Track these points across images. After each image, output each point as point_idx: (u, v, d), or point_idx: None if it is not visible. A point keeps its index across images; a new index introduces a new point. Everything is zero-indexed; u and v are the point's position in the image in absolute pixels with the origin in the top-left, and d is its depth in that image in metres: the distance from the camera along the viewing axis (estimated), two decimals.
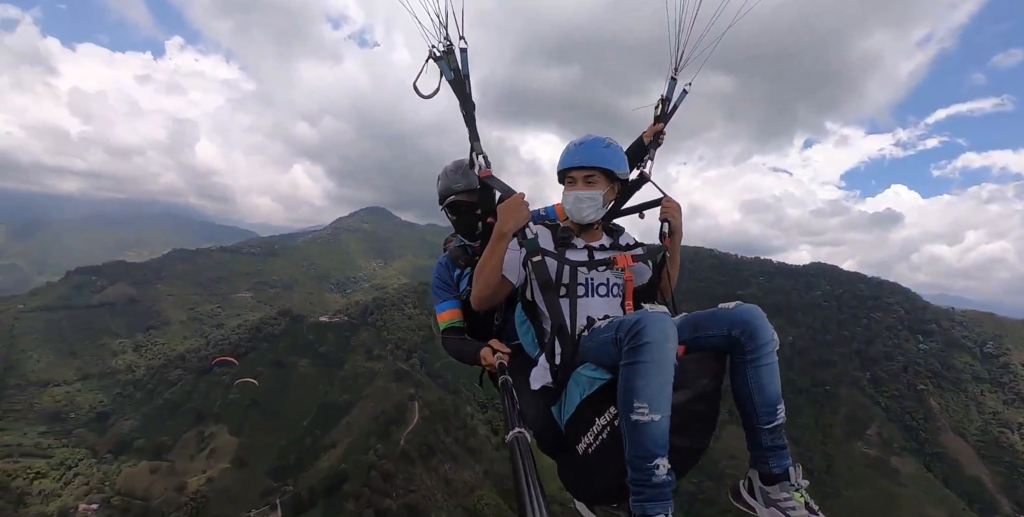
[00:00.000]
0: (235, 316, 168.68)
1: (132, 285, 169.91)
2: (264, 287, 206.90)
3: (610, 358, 2.08)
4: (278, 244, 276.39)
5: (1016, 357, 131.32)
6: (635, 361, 1.92)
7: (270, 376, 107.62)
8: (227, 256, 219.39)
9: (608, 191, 2.63)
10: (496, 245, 2.51)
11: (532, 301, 2.58)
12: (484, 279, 2.56)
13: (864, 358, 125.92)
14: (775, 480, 2.16)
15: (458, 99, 2.73)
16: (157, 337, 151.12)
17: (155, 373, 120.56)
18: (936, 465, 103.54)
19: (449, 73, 2.70)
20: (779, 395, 2.16)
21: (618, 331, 2.03)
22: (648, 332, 1.92)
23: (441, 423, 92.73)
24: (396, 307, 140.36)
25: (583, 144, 2.61)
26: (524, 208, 2.52)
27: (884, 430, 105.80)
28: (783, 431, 2.18)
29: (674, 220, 2.79)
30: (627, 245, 2.79)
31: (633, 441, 1.91)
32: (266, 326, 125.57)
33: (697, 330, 2.22)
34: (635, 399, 1.89)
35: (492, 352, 2.66)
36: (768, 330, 2.13)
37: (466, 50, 2.71)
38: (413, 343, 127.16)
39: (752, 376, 2.15)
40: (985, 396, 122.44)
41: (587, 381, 2.18)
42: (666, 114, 3.32)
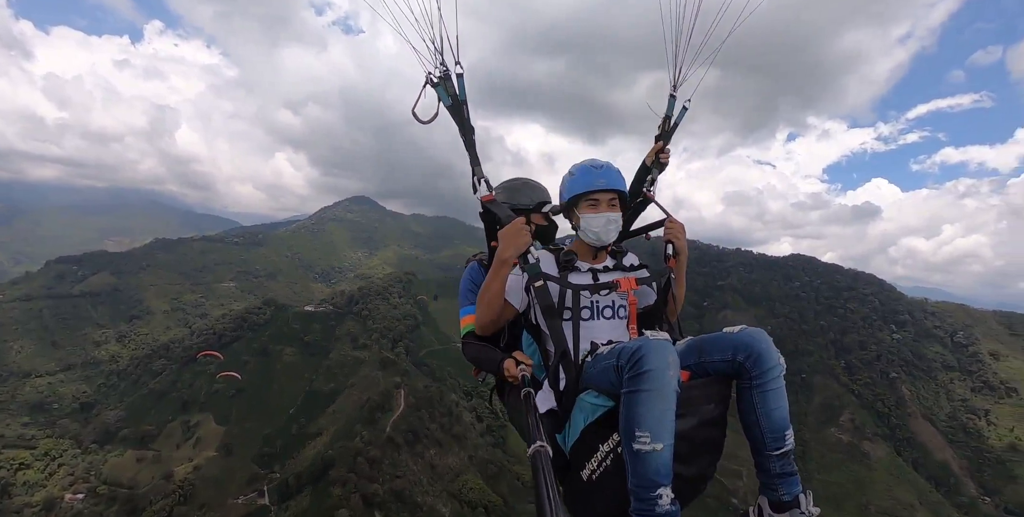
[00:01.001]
0: (219, 306, 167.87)
1: (114, 274, 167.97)
2: (248, 277, 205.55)
3: (611, 385, 2.07)
4: (262, 233, 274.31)
5: (985, 346, 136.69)
6: (636, 389, 1.90)
7: (255, 365, 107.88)
8: (210, 245, 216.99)
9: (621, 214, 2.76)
10: (497, 271, 2.56)
11: (536, 325, 2.64)
12: (487, 305, 2.61)
13: (839, 347, 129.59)
14: (785, 508, 2.11)
15: (457, 125, 2.78)
16: (140, 327, 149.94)
17: (139, 363, 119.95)
18: (906, 450, 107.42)
19: (447, 99, 2.75)
20: (787, 420, 2.13)
21: (619, 359, 2.01)
22: (649, 360, 1.89)
23: (427, 410, 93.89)
24: (382, 296, 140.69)
25: (603, 168, 2.68)
26: (524, 234, 2.56)
27: (857, 416, 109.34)
28: (793, 457, 2.15)
29: (678, 241, 2.82)
30: (631, 266, 2.81)
31: (635, 471, 1.87)
32: (251, 316, 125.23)
33: (701, 355, 2.21)
34: (636, 428, 1.86)
35: (516, 364, 2.66)
36: (774, 354, 2.11)
37: (463, 75, 2.76)
38: (399, 332, 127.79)
39: (759, 401, 2.12)
40: (954, 384, 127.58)
41: (590, 408, 2.19)
42: (667, 132, 3.28)
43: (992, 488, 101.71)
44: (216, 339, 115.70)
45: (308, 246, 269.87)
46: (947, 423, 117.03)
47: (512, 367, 2.63)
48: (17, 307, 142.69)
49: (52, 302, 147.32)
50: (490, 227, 2.97)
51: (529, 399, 2.27)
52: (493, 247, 2.84)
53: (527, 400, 2.27)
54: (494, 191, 3.11)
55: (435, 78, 2.72)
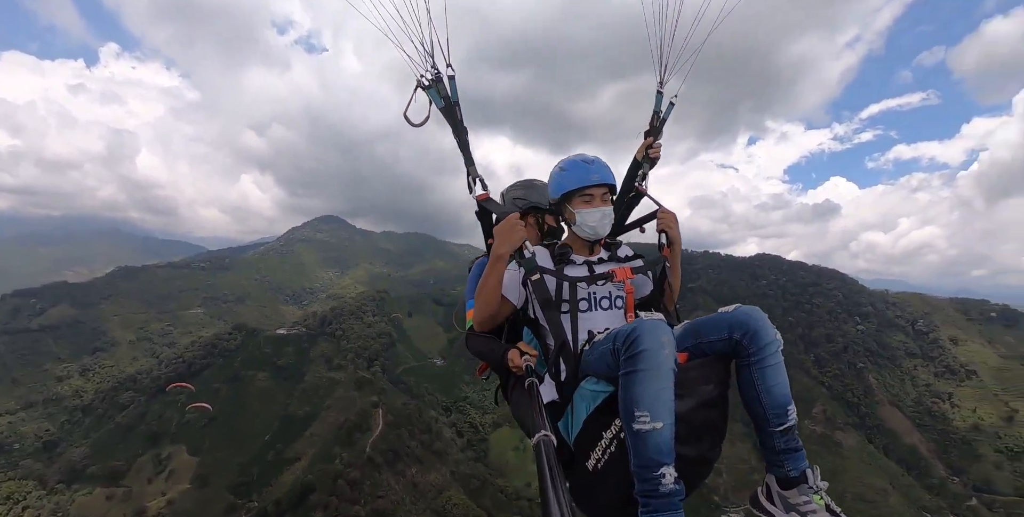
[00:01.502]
0: (187, 334, 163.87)
1: (74, 306, 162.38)
2: (216, 302, 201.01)
3: (609, 369, 2.08)
4: (228, 258, 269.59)
5: (944, 333, 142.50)
6: (632, 370, 1.90)
7: (228, 392, 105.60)
8: (175, 272, 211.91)
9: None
10: (493, 267, 2.58)
11: (535, 319, 2.64)
12: (484, 301, 2.62)
13: (807, 341, 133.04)
14: (793, 484, 2.12)
15: (450, 126, 2.84)
16: (105, 359, 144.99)
17: (104, 397, 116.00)
18: (876, 437, 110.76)
19: (439, 101, 2.80)
20: (788, 396, 2.13)
21: (615, 342, 2.03)
22: (643, 340, 1.90)
23: (406, 428, 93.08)
24: (355, 315, 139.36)
25: (594, 162, 2.70)
26: (519, 229, 2.59)
27: (828, 408, 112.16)
28: (796, 432, 2.15)
29: (671, 230, 2.84)
30: (626, 257, 2.85)
31: (637, 451, 1.88)
32: (221, 342, 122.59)
33: (698, 337, 2.21)
34: (635, 408, 1.86)
35: (520, 354, 2.67)
36: (770, 330, 2.11)
37: (454, 77, 2.80)
38: (374, 351, 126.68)
39: (758, 378, 2.11)
40: (918, 370, 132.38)
41: (591, 395, 2.20)
42: (656, 127, 3.33)
43: (959, 468, 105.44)
44: (185, 368, 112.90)
45: (277, 268, 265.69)
46: (913, 408, 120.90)
47: (516, 357, 2.66)
48: None
49: (9, 338, 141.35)
50: (486, 226, 3.05)
51: (533, 388, 2.29)
52: (490, 245, 2.87)
53: (531, 390, 2.29)
54: (511, 189, 3.36)
55: (426, 81, 2.80)
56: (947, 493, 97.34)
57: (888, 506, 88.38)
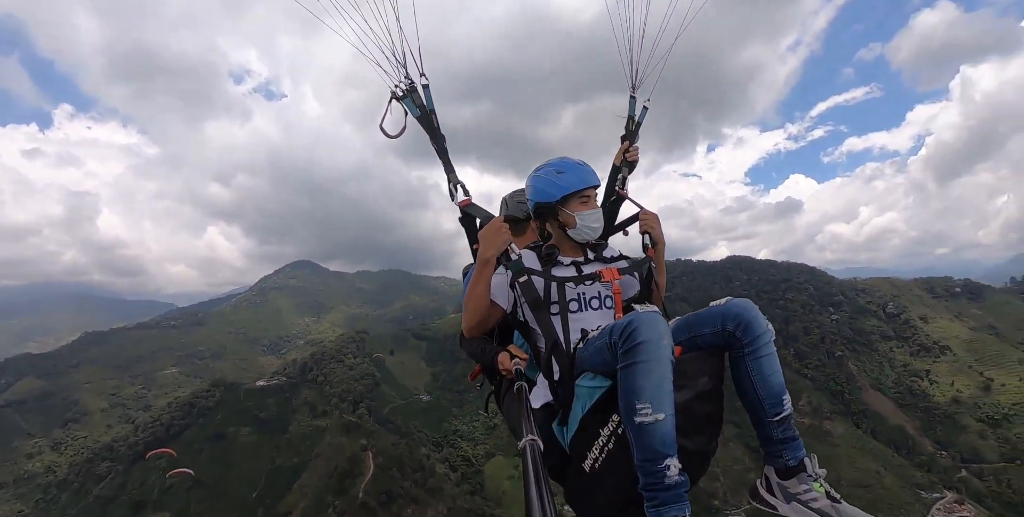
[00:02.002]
0: (163, 395, 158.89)
1: (41, 377, 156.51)
2: (191, 360, 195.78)
3: (606, 364, 2.05)
4: (201, 312, 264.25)
5: (914, 312, 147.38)
6: (632, 362, 1.88)
7: (211, 452, 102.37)
8: (145, 332, 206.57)
9: None
10: (480, 272, 2.55)
11: (525, 322, 2.60)
12: (473, 306, 2.59)
13: (786, 336, 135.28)
14: (792, 473, 2.10)
15: (428, 134, 2.83)
16: (77, 430, 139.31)
17: (80, 469, 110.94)
18: (863, 422, 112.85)
19: (415, 110, 2.80)
20: (783, 386, 2.13)
21: (611, 335, 2.00)
22: (641, 332, 1.88)
23: (397, 468, 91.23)
24: (336, 359, 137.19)
25: (585, 165, 2.71)
26: (504, 232, 2.57)
27: (813, 398, 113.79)
28: (792, 422, 2.14)
29: (654, 230, 2.86)
30: (611, 258, 2.83)
31: (640, 444, 1.84)
32: (199, 400, 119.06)
33: (691, 330, 2.19)
34: (636, 401, 1.84)
35: (510, 357, 2.66)
36: (762, 321, 2.11)
37: (428, 86, 2.81)
38: (358, 393, 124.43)
39: (753, 368, 2.11)
40: (894, 352, 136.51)
41: (587, 392, 2.16)
42: (632, 132, 3.38)
43: (946, 442, 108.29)
44: (164, 431, 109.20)
45: (252, 319, 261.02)
46: (895, 389, 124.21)
47: (506, 360, 2.65)
48: None
49: None
50: (470, 231, 3.03)
51: (521, 392, 2.26)
52: (476, 250, 2.86)
53: (519, 393, 2.25)
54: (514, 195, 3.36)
55: (400, 92, 2.80)
56: (937, 468, 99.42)
57: (884, 488, 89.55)
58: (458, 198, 2.83)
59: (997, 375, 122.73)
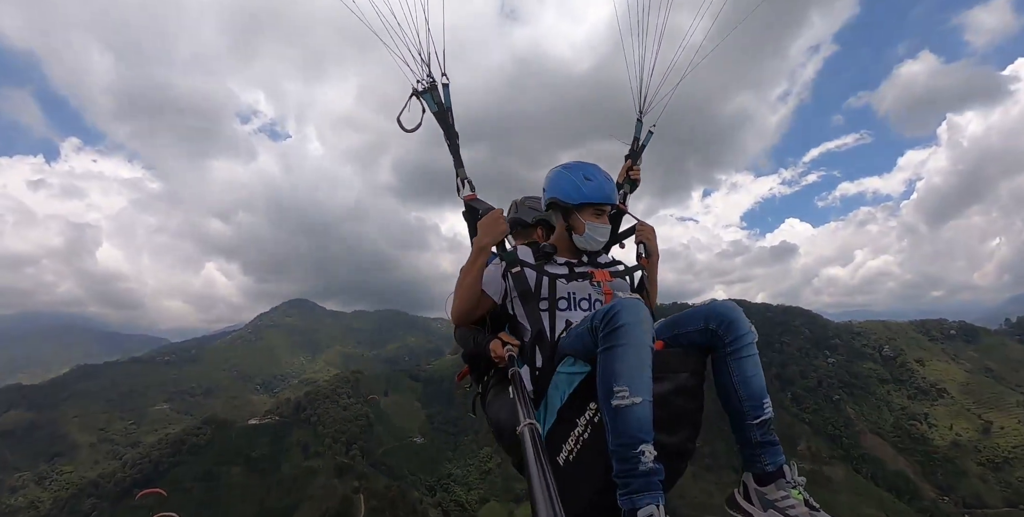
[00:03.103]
0: (153, 432, 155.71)
1: (30, 409, 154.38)
2: (183, 396, 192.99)
3: (587, 348, 2.06)
4: (195, 348, 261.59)
5: (910, 355, 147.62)
6: (611, 345, 1.88)
7: (200, 491, 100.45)
8: (138, 367, 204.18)
9: None
10: (475, 260, 2.58)
11: (514, 315, 2.63)
12: (463, 294, 2.61)
13: (783, 380, 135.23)
14: (770, 479, 2.07)
15: (443, 130, 2.91)
16: (64, 465, 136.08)
17: (64, 506, 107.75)
18: (863, 466, 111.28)
19: (433, 106, 2.88)
20: (764, 389, 2.12)
21: (593, 320, 2.01)
22: (622, 316, 1.89)
23: (390, 512, 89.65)
24: (330, 399, 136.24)
25: (611, 180, 2.74)
26: (502, 223, 2.62)
27: (812, 443, 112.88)
28: (772, 427, 2.13)
29: (650, 242, 2.88)
30: (605, 262, 2.84)
31: (616, 429, 1.83)
32: (190, 437, 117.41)
33: (675, 328, 2.22)
34: (614, 383, 1.83)
35: (502, 345, 2.64)
36: (745, 322, 2.12)
37: (448, 85, 2.88)
38: (352, 434, 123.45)
39: (735, 369, 2.11)
40: (891, 395, 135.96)
41: (566, 379, 2.16)
42: (636, 152, 3.47)
43: (947, 486, 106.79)
44: (152, 468, 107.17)
45: (246, 356, 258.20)
46: (893, 433, 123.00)
47: (499, 348, 2.63)
48: None
49: None
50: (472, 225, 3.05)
51: (517, 377, 2.25)
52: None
53: (515, 379, 2.25)
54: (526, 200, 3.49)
55: (421, 88, 2.88)
56: (940, 514, 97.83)
57: None
58: (464, 192, 2.92)
59: (996, 417, 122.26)
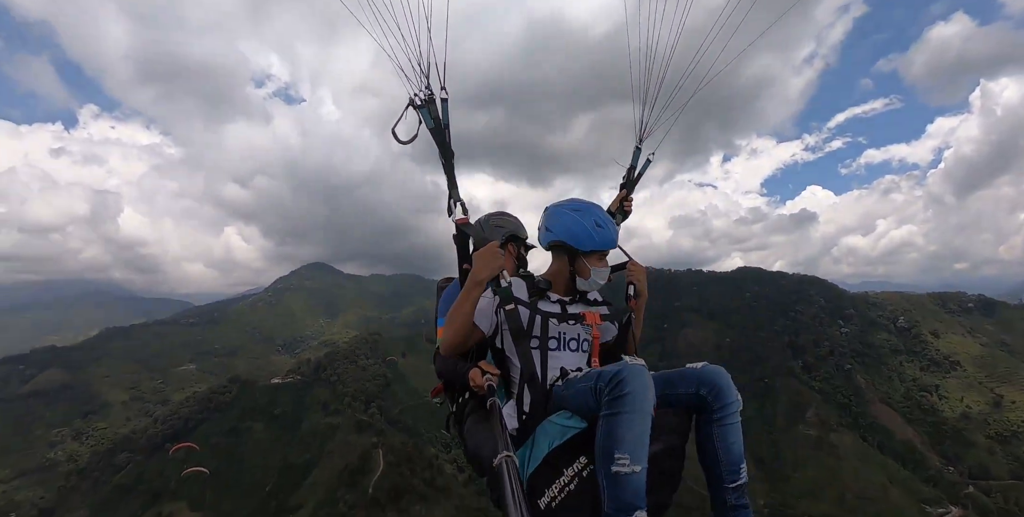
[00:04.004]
0: (180, 390, 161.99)
1: (64, 370, 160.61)
2: (207, 357, 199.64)
3: (587, 407, 2.09)
4: (217, 311, 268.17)
5: (925, 327, 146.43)
6: (616, 412, 1.89)
7: (226, 445, 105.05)
8: (164, 329, 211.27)
9: None
10: (469, 293, 2.53)
11: (502, 350, 2.63)
12: (455, 326, 2.55)
13: (795, 348, 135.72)
14: None
15: (438, 147, 2.84)
16: (98, 422, 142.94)
17: (100, 459, 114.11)
18: (870, 435, 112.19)
19: (430, 121, 2.80)
20: (742, 455, 2.19)
21: (598, 381, 2.02)
22: (629, 383, 1.91)
23: (407, 466, 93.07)
24: (349, 359, 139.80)
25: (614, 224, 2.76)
26: (499, 257, 2.60)
27: (821, 411, 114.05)
28: (746, 491, 2.19)
29: (639, 283, 2.88)
30: (595, 301, 2.83)
31: (612, 494, 1.84)
32: (216, 395, 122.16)
33: (667, 387, 2.23)
34: (616, 450, 1.84)
35: (481, 373, 2.60)
36: (733, 391, 2.18)
37: (447, 100, 2.79)
38: (371, 393, 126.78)
39: (718, 435, 2.17)
40: (903, 366, 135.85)
41: (559, 430, 2.17)
42: (631, 182, 3.41)
43: (954, 457, 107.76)
44: (182, 424, 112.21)
45: (267, 318, 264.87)
46: (903, 403, 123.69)
47: (478, 377, 2.60)
48: None
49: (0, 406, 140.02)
50: (462, 250, 3.02)
51: (495, 408, 2.26)
52: (465, 270, 2.85)
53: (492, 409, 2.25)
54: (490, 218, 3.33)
55: (419, 100, 2.80)
56: (944, 483, 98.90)
57: (888, 501, 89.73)
58: (456, 215, 2.90)
59: (1008, 392, 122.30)
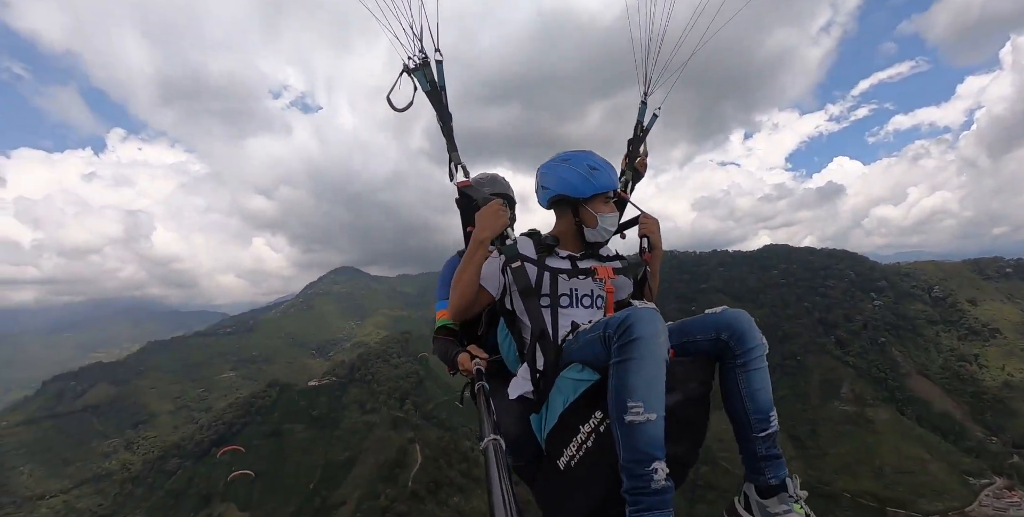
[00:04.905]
0: (223, 397, 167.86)
1: (112, 384, 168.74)
2: (246, 364, 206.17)
3: (597, 357, 1.97)
4: (252, 320, 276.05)
5: (961, 295, 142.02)
6: (626, 358, 1.78)
7: (269, 447, 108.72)
8: (203, 340, 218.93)
9: None
10: (473, 253, 2.46)
11: (512, 311, 2.51)
12: (461, 289, 2.46)
13: (826, 324, 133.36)
14: (772, 492, 2.01)
15: (435, 110, 2.82)
16: (147, 431, 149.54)
17: (152, 466, 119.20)
18: (908, 409, 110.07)
19: (425, 85, 2.76)
20: (771, 402, 2.05)
21: (606, 329, 1.91)
22: (638, 327, 1.79)
23: (444, 459, 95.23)
24: (382, 358, 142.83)
25: (611, 166, 2.60)
26: (502, 215, 2.53)
27: (856, 386, 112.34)
28: (777, 440, 2.05)
29: (653, 235, 2.78)
30: (607, 256, 2.70)
31: (628, 444, 1.74)
32: (256, 400, 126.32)
33: (684, 336, 2.11)
34: (628, 398, 1.74)
35: (470, 358, 2.55)
36: (757, 333, 2.03)
37: (442, 62, 2.76)
38: (404, 390, 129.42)
39: (743, 381, 2.03)
40: (940, 336, 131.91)
41: (572, 385, 2.06)
42: (639, 137, 3.30)
43: (996, 427, 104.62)
44: (226, 428, 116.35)
45: (300, 324, 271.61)
46: (941, 374, 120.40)
47: (466, 361, 2.55)
48: (21, 432, 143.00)
49: (55, 421, 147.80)
50: (465, 213, 2.97)
51: (482, 393, 2.21)
52: (469, 232, 2.78)
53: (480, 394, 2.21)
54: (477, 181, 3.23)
55: (414, 64, 2.76)
56: (987, 454, 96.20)
57: (928, 474, 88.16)
58: (457, 178, 2.86)
59: None
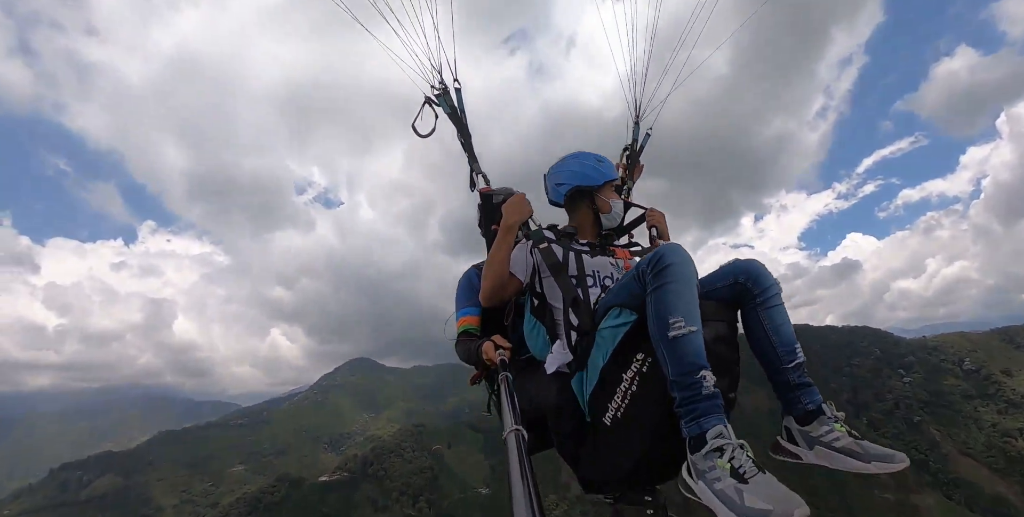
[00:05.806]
0: (230, 492, 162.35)
1: (120, 475, 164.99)
2: (257, 457, 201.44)
3: (633, 295, 2.07)
4: (265, 411, 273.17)
5: (994, 367, 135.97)
6: (661, 283, 1.90)
7: None
8: (214, 431, 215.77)
9: None
10: (503, 238, 2.66)
11: (542, 294, 2.62)
12: (492, 273, 2.65)
13: (856, 405, 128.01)
14: (811, 417, 2.10)
15: (457, 129, 3.18)
16: None
17: None
18: (955, 492, 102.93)
19: (447, 108, 3.14)
20: (794, 335, 2.17)
21: (638, 267, 2.04)
22: (669, 256, 1.92)
23: None
24: (395, 453, 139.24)
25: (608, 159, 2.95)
26: (527, 204, 2.77)
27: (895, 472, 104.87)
28: (806, 369, 2.16)
29: (660, 225, 3.05)
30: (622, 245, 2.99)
31: (674, 359, 1.83)
32: (265, 496, 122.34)
33: (704, 286, 2.21)
34: (670, 315, 1.84)
35: (494, 347, 2.60)
36: (770, 276, 2.18)
37: (460, 90, 3.14)
38: (418, 487, 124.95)
39: (766, 318, 2.16)
40: (979, 411, 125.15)
41: (611, 334, 2.13)
42: (634, 152, 3.59)
43: None
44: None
45: (314, 417, 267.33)
46: (986, 453, 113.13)
47: (490, 350, 2.60)
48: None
49: (59, 512, 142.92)
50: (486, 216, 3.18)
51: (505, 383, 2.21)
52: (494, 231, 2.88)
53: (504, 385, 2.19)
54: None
55: (435, 94, 3.15)
56: None
57: None
58: (479, 186, 3.12)
59: None
